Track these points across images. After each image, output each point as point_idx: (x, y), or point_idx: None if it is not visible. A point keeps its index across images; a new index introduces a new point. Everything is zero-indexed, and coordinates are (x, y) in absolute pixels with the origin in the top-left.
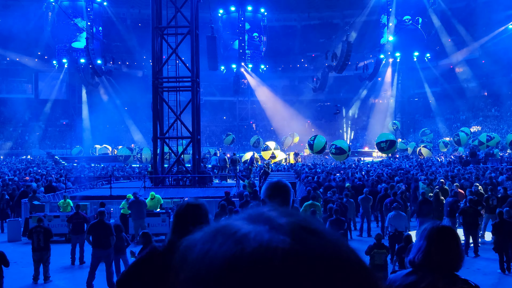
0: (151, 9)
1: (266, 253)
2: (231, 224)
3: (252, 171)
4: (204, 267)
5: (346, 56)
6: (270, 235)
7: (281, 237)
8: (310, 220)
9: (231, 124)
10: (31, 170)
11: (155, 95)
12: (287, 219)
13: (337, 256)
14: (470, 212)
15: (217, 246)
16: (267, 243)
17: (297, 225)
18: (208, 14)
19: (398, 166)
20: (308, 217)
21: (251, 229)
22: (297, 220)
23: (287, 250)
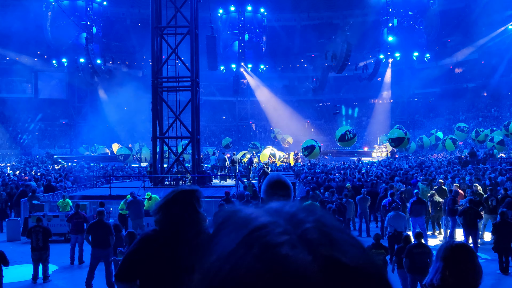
0: (150, 9)
1: (294, 272)
2: (265, 229)
3: (252, 171)
4: (233, 276)
5: (346, 56)
6: (300, 256)
7: (303, 254)
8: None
9: (231, 124)
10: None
11: (155, 95)
12: (315, 224)
13: (363, 274)
14: (471, 213)
15: (249, 256)
16: (296, 263)
17: (325, 233)
18: (208, 14)
19: (398, 166)
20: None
21: (285, 240)
22: (326, 226)
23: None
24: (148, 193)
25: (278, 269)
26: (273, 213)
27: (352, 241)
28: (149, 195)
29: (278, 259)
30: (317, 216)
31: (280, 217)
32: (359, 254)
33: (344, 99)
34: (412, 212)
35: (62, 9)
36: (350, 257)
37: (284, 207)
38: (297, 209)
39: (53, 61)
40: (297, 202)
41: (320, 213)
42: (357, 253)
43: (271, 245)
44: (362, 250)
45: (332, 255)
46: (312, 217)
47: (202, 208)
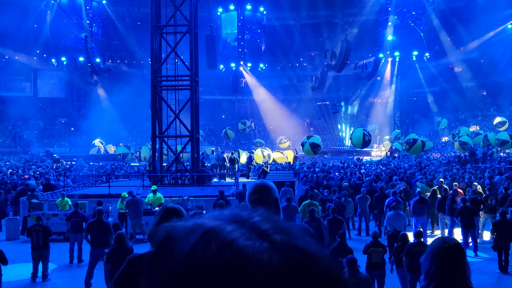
0: (150, 7)
1: (252, 262)
2: (220, 226)
3: (251, 169)
4: (187, 269)
5: (345, 55)
6: (257, 244)
7: (266, 246)
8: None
9: (230, 123)
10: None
11: (154, 94)
12: (274, 230)
13: (322, 271)
14: (467, 212)
15: (211, 249)
16: (255, 252)
17: (288, 243)
18: (207, 13)
19: (397, 165)
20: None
21: (238, 234)
22: (288, 236)
23: (276, 263)
24: (154, 186)
25: (240, 261)
26: (217, 218)
27: (302, 231)
28: (155, 188)
29: (237, 252)
30: (262, 212)
31: (224, 219)
32: (312, 242)
33: (344, 98)
34: (414, 211)
35: (61, 7)
36: (305, 243)
37: (228, 211)
38: (239, 211)
39: (52, 60)
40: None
41: (265, 212)
42: (309, 240)
43: (226, 241)
44: (312, 239)
45: (288, 240)
46: (256, 213)
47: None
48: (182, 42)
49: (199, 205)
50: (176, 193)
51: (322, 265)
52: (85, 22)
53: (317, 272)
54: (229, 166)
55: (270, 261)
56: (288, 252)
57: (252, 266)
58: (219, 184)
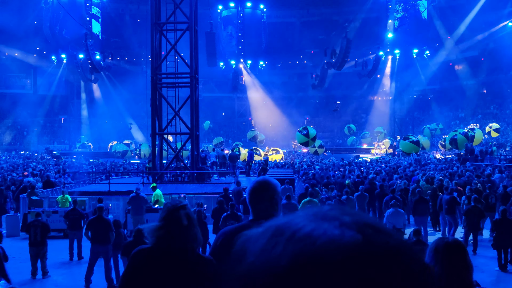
0: (150, 5)
1: (338, 248)
2: (293, 222)
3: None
4: (266, 269)
5: (345, 53)
6: (339, 231)
7: (351, 233)
8: (373, 219)
9: (230, 120)
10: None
11: (154, 91)
12: (352, 217)
13: (403, 252)
14: (475, 213)
15: (281, 245)
16: (338, 238)
17: (363, 222)
18: (207, 10)
19: (397, 163)
20: (369, 216)
21: (315, 226)
22: (362, 218)
23: (360, 244)
24: (154, 184)
25: (307, 242)
26: (313, 217)
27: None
28: (154, 185)
29: (305, 235)
30: (360, 215)
31: (322, 219)
32: (394, 241)
33: (344, 95)
34: (415, 211)
35: (61, 4)
36: (396, 240)
37: (326, 211)
38: (340, 212)
39: (52, 57)
40: (344, 207)
41: (364, 215)
42: (392, 240)
43: (297, 229)
44: (397, 238)
45: (381, 238)
46: (354, 216)
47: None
48: (182, 39)
49: (199, 202)
50: (176, 191)
51: (405, 249)
52: (85, 19)
53: (409, 257)
54: (229, 164)
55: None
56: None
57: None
58: (219, 181)
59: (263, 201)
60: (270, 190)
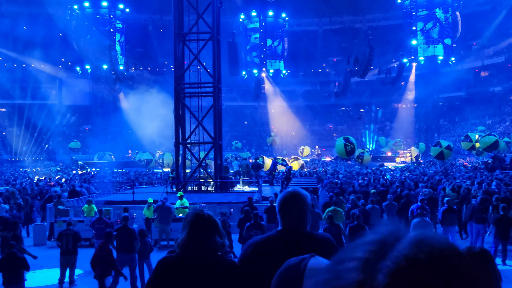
0: (173, 15)
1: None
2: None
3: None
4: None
5: (368, 60)
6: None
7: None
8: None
9: (252, 129)
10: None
11: (177, 101)
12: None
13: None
14: (504, 221)
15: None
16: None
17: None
18: (230, 20)
19: (422, 172)
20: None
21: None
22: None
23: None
24: (181, 192)
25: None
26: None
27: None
28: (181, 194)
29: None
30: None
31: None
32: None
33: (367, 103)
34: (443, 221)
35: (86, 16)
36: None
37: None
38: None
39: (77, 68)
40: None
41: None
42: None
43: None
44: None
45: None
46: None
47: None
48: (204, 48)
49: (223, 212)
50: (199, 200)
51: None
52: (109, 30)
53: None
54: (252, 173)
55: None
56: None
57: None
58: (242, 191)
59: (292, 212)
60: (300, 201)
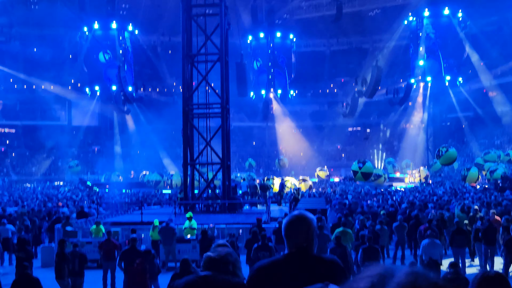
0: (181, 37)
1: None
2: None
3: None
4: None
5: (376, 81)
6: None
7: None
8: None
9: (261, 149)
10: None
11: (186, 122)
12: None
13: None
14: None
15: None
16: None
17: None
18: (238, 41)
19: (431, 192)
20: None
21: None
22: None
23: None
24: (190, 213)
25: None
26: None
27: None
28: (190, 215)
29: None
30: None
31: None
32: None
33: (375, 123)
34: (452, 242)
35: (95, 38)
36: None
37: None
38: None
39: (86, 89)
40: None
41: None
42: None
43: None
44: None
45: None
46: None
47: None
48: (213, 69)
49: (232, 233)
50: (207, 221)
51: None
52: (118, 52)
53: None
54: (260, 194)
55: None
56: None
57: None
58: (251, 211)
59: (298, 235)
60: (306, 224)
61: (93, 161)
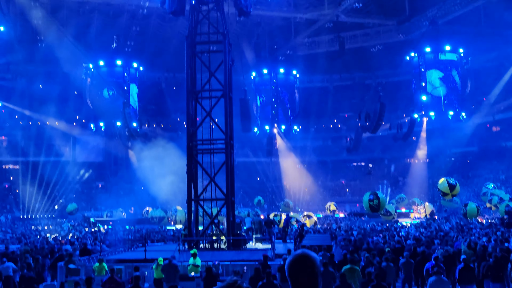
0: (186, 73)
1: None
2: None
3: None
4: None
5: (379, 116)
6: None
7: None
8: None
9: (265, 185)
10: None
11: (190, 157)
12: None
13: None
14: None
15: None
16: None
17: None
18: (241, 77)
19: (438, 228)
20: None
21: None
22: None
23: None
24: (194, 250)
25: None
26: None
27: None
28: (195, 252)
29: None
30: None
31: None
32: None
33: (379, 158)
34: (460, 279)
35: (100, 75)
36: None
37: None
38: None
39: (91, 125)
40: None
41: None
42: None
43: None
44: None
45: None
46: None
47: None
48: (217, 105)
49: (236, 271)
50: (212, 258)
51: None
52: (123, 88)
53: None
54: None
55: None
56: None
57: None
58: (255, 248)
59: (303, 274)
60: (310, 264)
61: (97, 197)
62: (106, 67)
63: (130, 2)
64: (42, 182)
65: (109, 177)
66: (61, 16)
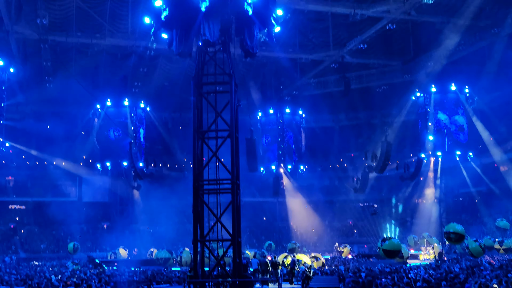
0: (192, 113)
1: None
2: None
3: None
4: None
5: (386, 156)
6: None
7: None
8: None
9: (271, 225)
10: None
11: (196, 198)
12: None
13: None
14: None
15: None
16: None
17: None
18: (247, 117)
19: (447, 269)
20: None
21: None
22: None
23: None
24: None
25: None
26: None
27: None
28: None
29: None
30: None
31: None
32: None
33: (387, 198)
34: None
35: (108, 115)
36: None
37: None
38: None
39: (98, 165)
40: None
41: None
42: None
43: None
44: None
45: None
46: None
47: None
48: (223, 145)
49: None
50: None
51: None
52: (130, 128)
53: None
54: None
55: None
56: None
57: None
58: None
59: None
60: None
61: (102, 238)
62: (113, 107)
63: (138, 43)
64: (47, 222)
65: (115, 217)
66: (69, 57)
